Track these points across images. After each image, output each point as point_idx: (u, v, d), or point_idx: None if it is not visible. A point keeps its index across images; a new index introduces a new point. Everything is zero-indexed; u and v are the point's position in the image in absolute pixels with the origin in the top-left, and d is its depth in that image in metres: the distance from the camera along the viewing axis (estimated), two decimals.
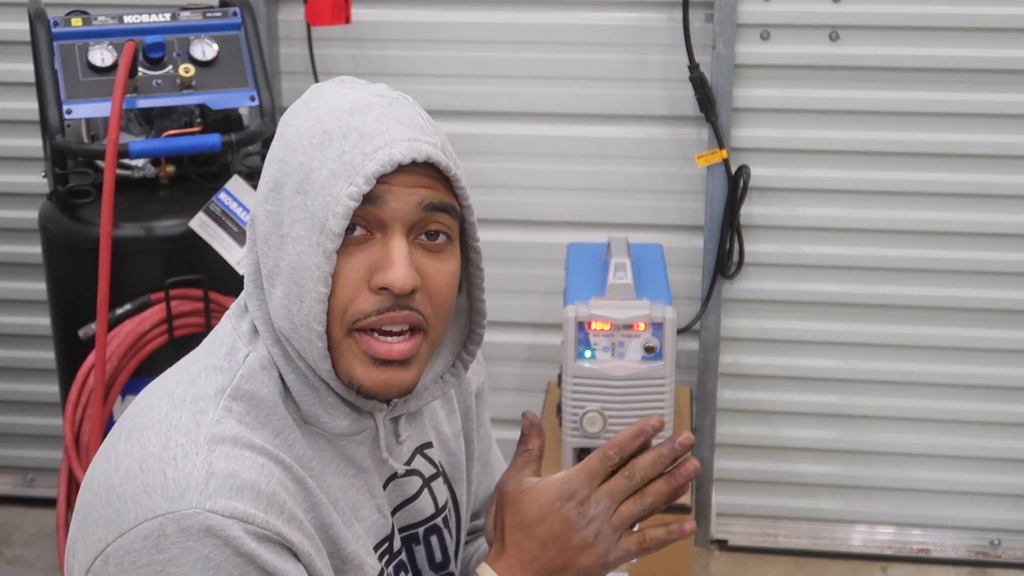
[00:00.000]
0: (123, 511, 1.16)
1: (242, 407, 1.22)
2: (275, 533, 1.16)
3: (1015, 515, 3.09)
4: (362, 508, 1.30)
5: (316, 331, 1.20)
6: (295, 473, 1.22)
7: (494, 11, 2.94)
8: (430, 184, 1.22)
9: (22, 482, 3.40)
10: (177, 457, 1.16)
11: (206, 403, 1.21)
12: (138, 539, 1.14)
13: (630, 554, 1.31)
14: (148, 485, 1.15)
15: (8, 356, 3.30)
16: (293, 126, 1.24)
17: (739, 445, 3.13)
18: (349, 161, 1.18)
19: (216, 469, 1.15)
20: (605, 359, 2.45)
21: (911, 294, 2.97)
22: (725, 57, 2.83)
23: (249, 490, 1.16)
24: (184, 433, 1.18)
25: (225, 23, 2.57)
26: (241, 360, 1.25)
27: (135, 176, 2.55)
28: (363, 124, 1.20)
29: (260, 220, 1.25)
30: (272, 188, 1.23)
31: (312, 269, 1.18)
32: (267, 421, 1.23)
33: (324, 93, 1.26)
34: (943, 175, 2.89)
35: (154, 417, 1.21)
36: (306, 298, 1.19)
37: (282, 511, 1.17)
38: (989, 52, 2.79)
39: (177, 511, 1.13)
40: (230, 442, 1.18)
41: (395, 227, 1.20)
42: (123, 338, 2.44)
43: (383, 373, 1.22)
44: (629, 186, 2.99)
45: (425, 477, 1.40)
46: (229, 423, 1.20)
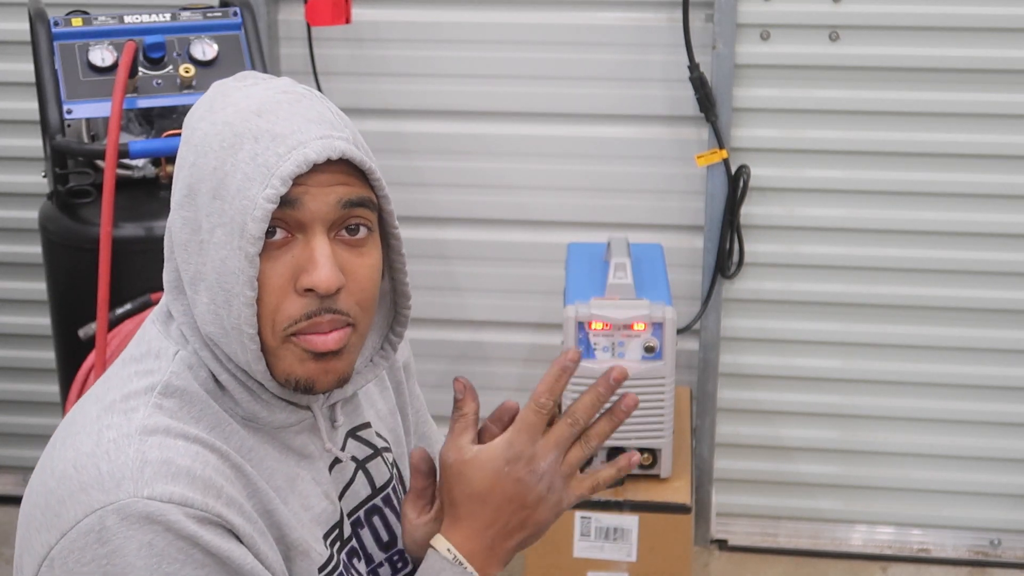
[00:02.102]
0: (62, 512, 1.15)
1: (173, 403, 1.22)
2: (215, 515, 1.15)
3: (1015, 515, 3.09)
4: (309, 496, 1.30)
5: (248, 333, 1.19)
6: (232, 460, 1.22)
7: (494, 11, 2.94)
8: (346, 180, 1.21)
9: (22, 482, 3.40)
10: (110, 452, 1.16)
11: (136, 401, 1.21)
12: (79, 536, 1.13)
13: (583, 497, 1.32)
14: (83, 482, 1.15)
15: (8, 356, 3.30)
16: (200, 129, 1.23)
17: (739, 445, 3.13)
18: (263, 164, 1.17)
19: (150, 457, 1.15)
20: (605, 359, 2.45)
21: (911, 294, 2.97)
22: (725, 57, 2.83)
23: (185, 475, 1.15)
24: (115, 429, 1.18)
25: (225, 23, 2.58)
26: (170, 359, 1.25)
27: (135, 176, 2.55)
28: (273, 124, 1.19)
29: (177, 227, 1.24)
30: (186, 195, 1.23)
31: (237, 274, 1.18)
32: (200, 416, 1.23)
33: (228, 93, 1.25)
34: (943, 175, 2.89)
35: (85, 421, 1.22)
36: (234, 302, 1.19)
37: (220, 494, 1.17)
38: (989, 52, 2.79)
39: (115, 502, 1.13)
40: (162, 432, 1.18)
41: (315, 227, 1.20)
42: (123, 338, 2.44)
43: (320, 364, 1.23)
44: (629, 186, 2.99)
45: (360, 460, 1.41)
46: (159, 417, 1.20)
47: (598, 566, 2.49)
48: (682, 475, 2.54)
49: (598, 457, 2.50)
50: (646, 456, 2.50)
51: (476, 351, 3.15)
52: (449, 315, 3.09)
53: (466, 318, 3.10)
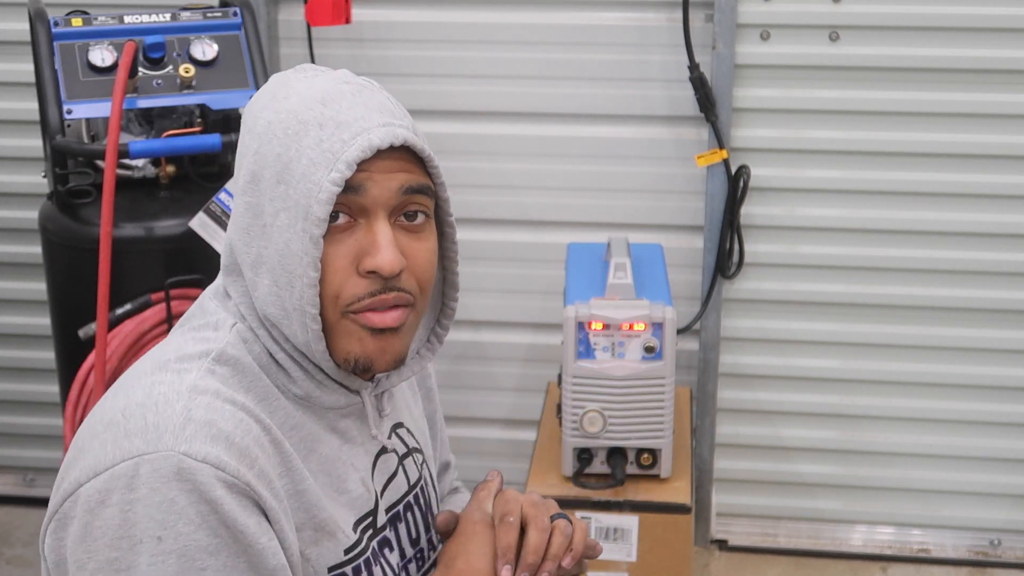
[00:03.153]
0: (101, 454, 1.18)
1: (226, 371, 1.25)
2: (244, 483, 1.17)
3: (1015, 515, 3.09)
4: (346, 480, 1.33)
5: (310, 314, 1.23)
6: (273, 435, 1.24)
7: (494, 11, 2.94)
8: (407, 168, 1.27)
9: (22, 482, 3.40)
10: (159, 403, 1.19)
11: (190, 363, 1.24)
12: (112, 478, 1.16)
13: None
14: (129, 429, 1.18)
15: (8, 356, 3.30)
16: (263, 118, 1.27)
17: (739, 445, 3.13)
18: (328, 149, 1.22)
19: (195, 415, 1.18)
20: (605, 359, 2.45)
21: (911, 294, 2.97)
22: (725, 57, 2.83)
23: (224, 439, 1.18)
24: (167, 385, 1.21)
25: (225, 23, 2.58)
26: (227, 330, 1.29)
27: (135, 176, 2.55)
28: (337, 112, 1.24)
29: (240, 212, 1.28)
30: (249, 180, 1.27)
31: (300, 255, 1.22)
32: (251, 386, 1.26)
33: (290, 83, 1.30)
34: (943, 175, 2.89)
35: (139, 374, 1.25)
36: (296, 284, 1.23)
37: (253, 465, 1.19)
38: (989, 52, 2.79)
39: (153, 452, 1.15)
40: (211, 394, 1.21)
41: (377, 212, 1.25)
42: (123, 338, 2.44)
43: (378, 342, 1.27)
44: (629, 186, 2.99)
45: (400, 455, 1.44)
46: (211, 380, 1.23)
47: (598, 566, 2.49)
48: (682, 475, 2.54)
49: (598, 457, 2.50)
50: (646, 456, 2.50)
51: (476, 351, 3.15)
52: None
53: (466, 318, 3.10)
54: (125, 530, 1.14)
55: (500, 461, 3.22)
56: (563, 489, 2.50)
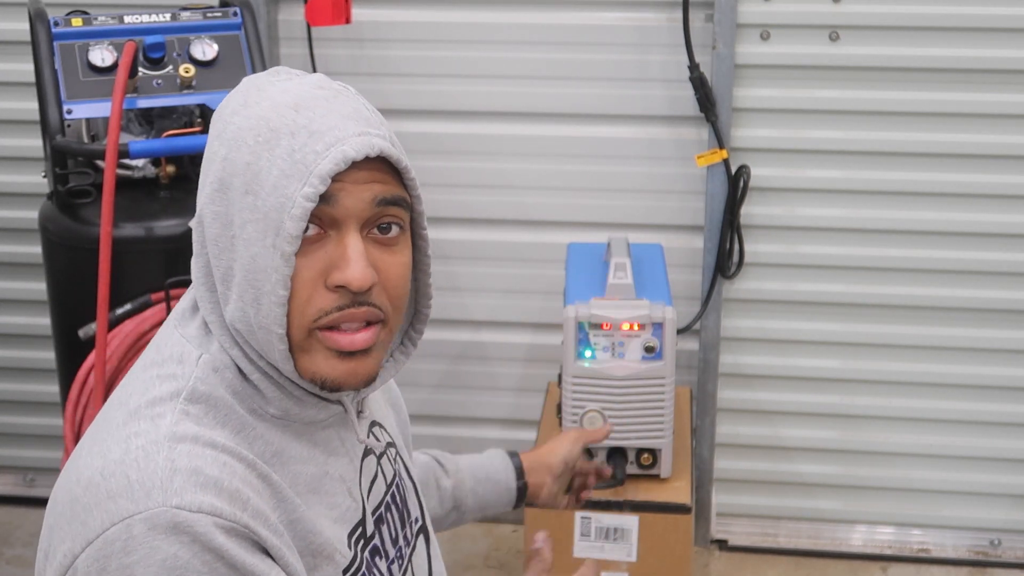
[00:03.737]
0: (88, 520, 1.14)
1: (199, 409, 1.21)
2: (243, 526, 1.14)
3: (1015, 515, 3.09)
4: (334, 495, 1.30)
5: (277, 334, 1.19)
6: (259, 470, 1.21)
7: (494, 11, 2.94)
8: (382, 179, 1.22)
9: (22, 482, 3.40)
10: (139, 459, 1.15)
11: (162, 407, 1.20)
12: (106, 545, 1.12)
13: None
14: (111, 490, 1.14)
15: (8, 356, 3.30)
16: (233, 123, 1.22)
17: (739, 445, 3.13)
18: (300, 160, 1.17)
19: (179, 465, 1.14)
20: (605, 359, 2.45)
21: (911, 294, 2.97)
22: (725, 57, 2.83)
23: (213, 485, 1.14)
24: (143, 436, 1.17)
25: (225, 23, 2.58)
26: (194, 363, 1.23)
27: (135, 176, 2.55)
28: (310, 121, 1.19)
29: (208, 221, 1.23)
30: (217, 188, 1.21)
31: (269, 272, 1.17)
32: (225, 421, 1.22)
33: (263, 87, 1.25)
34: (943, 175, 2.89)
35: (111, 427, 1.20)
36: (264, 301, 1.18)
37: (247, 506, 1.16)
38: (989, 52, 2.79)
39: (144, 511, 1.12)
40: (191, 440, 1.17)
41: (349, 224, 1.20)
42: (123, 338, 2.44)
43: (347, 364, 1.23)
44: (629, 186, 2.99)
45: (377, 454, 1.42)
46: (187, 424, 1.19)
47: None
48: (682, 475, 2.54)
49: (598, 457, 2.50)
50: (646, 456, 2.50)
51: (476, 351, 3.15)
52: (449, 315, 3.09)
53: (466, 318, 3.10)
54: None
55: None
56: None
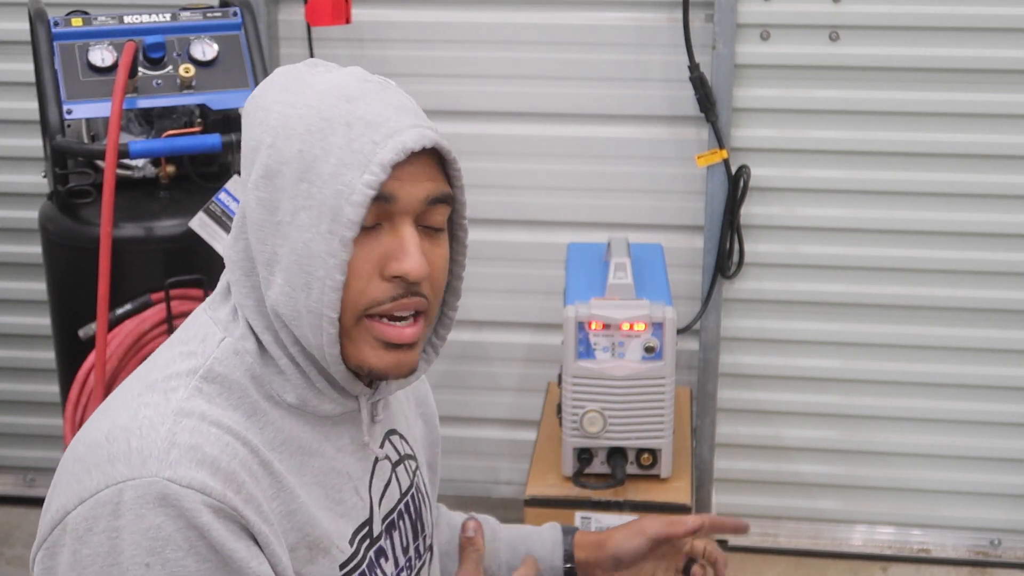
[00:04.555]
0: (85, 479, 1.17)
1: (213, 388, 1.23)
2: (231, 508, 1.16)
3: (1015, 515, 3.09)
4: (341, 490, 1.31)
5: (328, 317, 1.21)
6: (262, 457, 1.22)
7: (494, 11, 2.94)
8: (433, 176, 1.26)
9: (22, 482, 3.40)
10: (143, 427, 1.17)
11: (177, 382, 1.22)
12: (97, 505, 1.14)
13: None
14: (112, 454, 1.16)
15: (8, 356, 3.30)
16: (276, 111, 1.23)
17: (739, 445, 3.13)
18: (359, 150, 1.19)
19: (179, 440, 1.16)
20: (605, 359, 2.45)
21: (911, 294, 2.97)
22: (725, 57, 2.83)
23: (210, 464, 1.16)
24: (152, 407, 1.20)
25: (225, 23, 2.58)
26: (215, 344, 1.26)
27: (135, 176, 2.55)
28: (365, 112, 1.21)
29: (251, 207, 1.24)
30: (263, 175, 1.23)
31: (324, 257, 1.19)
32: (238, 404, 1.24)
33: (303, 77, 1.26)
34: (943, 175, 2.89)
35: (126, 396, 1.23)
36: (315, 285, 1.20)
37: (240, 489, 1.17)
38: (989, 52, 2.79)
39: (137, 478, 1.14)
40: (197, 417, 1.19)
41: (404, 216, 1.23)
42: (123, 338, 2.44)
43: (393, 355, 1.26)
44: (629, 186, 2.99)
45: (392, 462, 1.43)
46: (197, 401, 1.21)
47: None
48: (682, 475, 2.54)
49: (598, 457, 2.50)
50: (646, 456, 2.50)
51: (476, 351, 3.15)
52: None
53: (466, 318, 3.10)
54: (113, 558, 1.13)
55: (500, 461, 3.22)
56: (563, 489, 2.50)
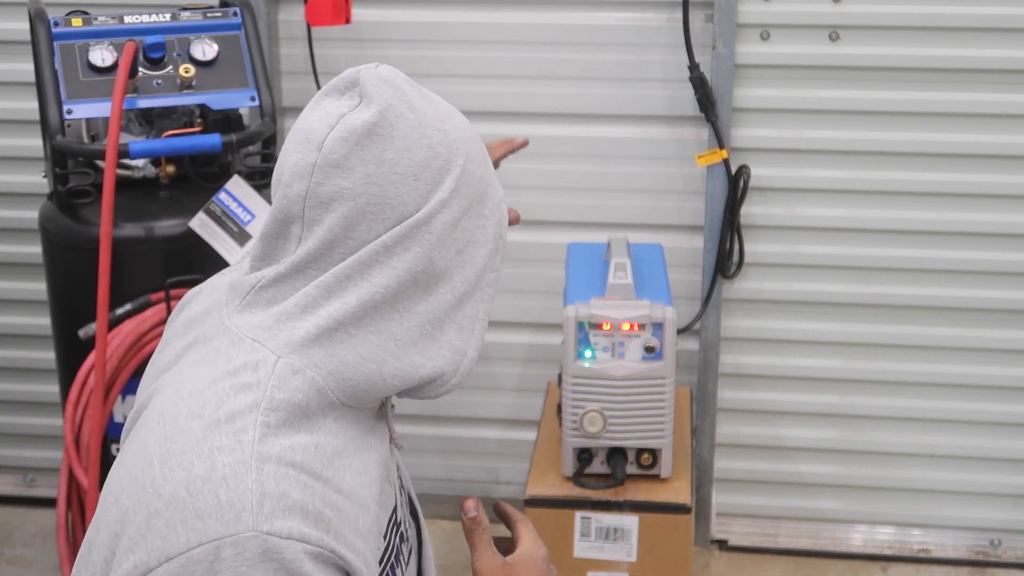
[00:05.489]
0: (170, 536, 1.13)
1: (278, 417, 1.19)
2: (329, 551, 1.15)
3: (1015, 515, 3.09)
4: (383, 481, 1.31)
5: (485, 323, 1.34)
6: (335, 483, 1.20)
7: (494, 11, 2.94)
8: None
9: (22, 482, 3.40)
10: (227, 478, 1.14)
11: (243, 421, 1.18)
12: (189, 563, 1.11)
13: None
14: (200, 509, 1.13)
15: (8, 356, 3.30)
16: (455, 129, 1.35)
17: (739, 445, 3.13)
18: (494, 175, 1.38)
19: (268, 489, 1.14)
20: (605, 359, 2.45)
21: (911, 294, 2.97)
22: (725, 57, 2.83)
23: (300, 509, 1.14)
24: (228, 453, 1.16)
25: (225, 23, 2.58)
26: (270, 369, 1.21)
27: (135, 176, 2.55)
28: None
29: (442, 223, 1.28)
30: (459, 196, 1.29)
31: (489, 271, 1.34)
32: (301, 424, 1.20)
33: (427, 95, 1.40)
34: (943, 175, 2.89)
35: (190, 440, 1.18)
36: (480, 293, 1.33)
37: (330, 528, 1.16)
38: (989, 52, 2.79)
39: (234, 534, 1.12)
40: (275, 461, 1.16)
41: None
42: (123, 338, 2.44)
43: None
44: (629, 186, 2.99)
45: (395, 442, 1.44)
46: (270, 439, 1.17)
47: (598, 566, 2.49)
48: (682, 475, 2.54)
49: (598, 457, 2.50)
50: (646, 456, 2.50)
51: None
52: None
53: None
54: None
55: (500, 461, 3.22)
56: (563, 489, 2.50)
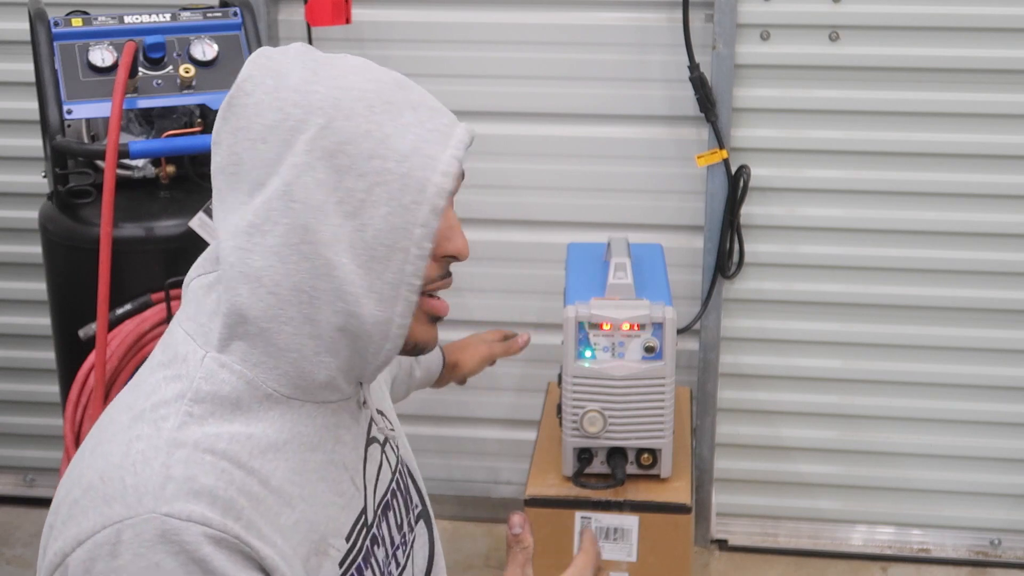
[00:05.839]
0: (83, 521, 1.16)
1: (204, 408, 1.21)
2: (233, 536, 1.15)
3: (1015, 515, 3.09)
4: (341, 482, 1.31)
5: (412, 285, 1.26)
6: (259, 474, 1.21)
7: (494, 11, 2.94)
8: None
9: (22, 482, 3.40)
10: (136, 463, 1.16)
11: (166, 410, 1.21)
12: (95, 547, 1.14)
13: None
14: (108, 494, 1.16)
15: (8, 356, 3.31)
16: (318, 92, 1.22)
17: (739, 445, 3.13)
18: (434, 129, 1.26)
19: (174, 473, 1.15)
20: (605, 359, 2.44)
21: (911, 294, 2.97)
22: (725, 57, 2.83)
23: (207, 494, 1.15)
24: (144, 440, 1.18)
25: (225, 23, 2.58)
26: (198, 363, 1.24)
27: (135, 176, 2.55)
28: (420, 98, 1.28)
29: (305, 188, 1.20)
30: (321, 156, 1.21)
31: (409, 227, 1.23)
32: (232, 416, 1.22)
33: (320, 60, 1.26)
34: (943, 175, 2.89)
35: (115, 430, 1.22)
36: (396, 257, 1.23)
37: (240, 516, 1.17)
38: (989, 52, 2.79)
39: (134, 516, 1.13)
40: (190, 446, 1.18)
41: (450, 199, 1.30)
42: (123, 338, 2.44)
43: (435, 329, 1.37)
44: (629, 186, 2.99)
45: (381, 442, 1.43)
46: (190, 427, 1.19)
47: None
48: (682, 475, 2.54)
49: (598, 457, 2.50)
50: (646, 456, 2.50)
51: None
52: (449, 315, 3.08)
53: (466, 318, 3.10)
54: None
55: (500, 461, 3.22)
56: (563, 489, 2.50)
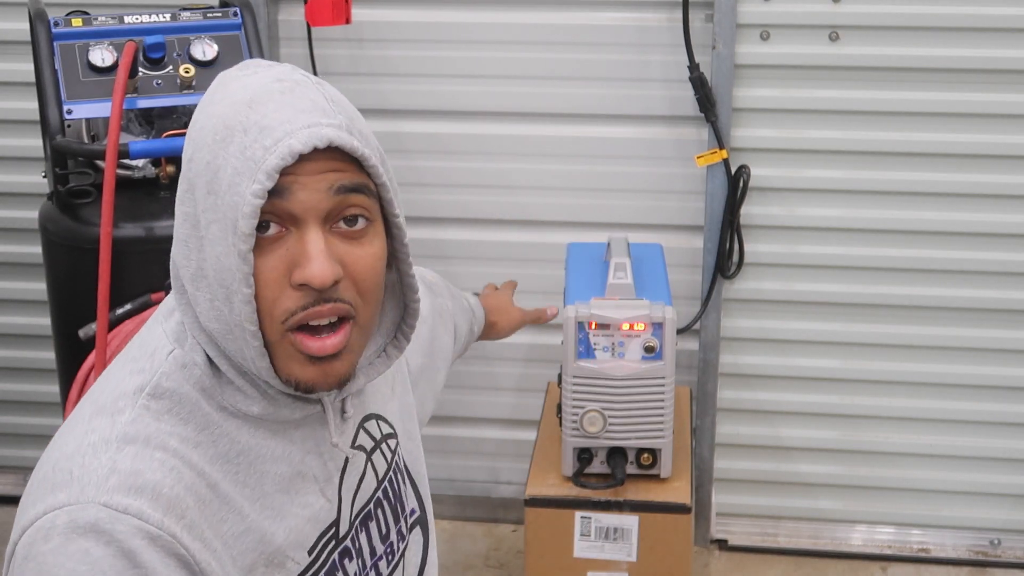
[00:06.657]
0: (30, 510, 1.17)
1: (161, 405, 1.21)
2: (169, 535, 1.14)
3: (1015, 515, 3.09)
4: (307, 494, 1.29)
5: (249, 330, 1.18)
6: (209, 478, 1.20)
7: (494, 11, 2.94)
8: (338, 167, 1.19)
9: (22, 482, 3.39)
10: (86, 455, 1.17)
11: (124, 403, 1.21)
12: (34, 532, 1.14)
13: None
14: (55, 483, 1.16)
15: (8, 356, 3.30)
16: (198, 122, 1.22)
17: (739, 445, 3.13)
18: (250, 157, 1.15)
19: (120, 467, 1.16)
20: (605, 359, 2.45)
21: (911, 294, 2.97)
22: (725, 57, 2.83)
23: (150, 489, 1.15)
24: (97, 433, 1.19)
25: (225, 23, 2.58)
26: (163, 358, 1.24)
27: (135, 176, 2.55)
28: (263, 116, 1.17)
29: (179, 222, 1.24)
30: (186, 189, 1.22)
31: (233, 271, 1.16)
32: (189, 418, 1.22)
33: (226, 83, 1.24)
34: (943, 175, 2.89)
35: (76, 421, 1.23)
36: (233, 299, 1.17)
37: (182, 516, 1.16)
38: (989, 52, 2.79)
39: (74, 503, 1.14)
40: (141, 442, 1.18)
41: (308, 219, 1.18)
42: (123, 338, 2.43)
43: (318, 367, 1.22)
44: (629, 186, 2.99)
45: (368, 451, 1.41)
46: (145, 421, 1.19)
47: (598, 566, 2.49)
48: (682, 475, 2.54)
49: (598, 457, 2.50)
50: (646, 456, 2.50)
51: (476, 351, 3.14)
52: None
53: None
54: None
55: (500, 461, 3.22)
56: (563, 489, 2.50)
